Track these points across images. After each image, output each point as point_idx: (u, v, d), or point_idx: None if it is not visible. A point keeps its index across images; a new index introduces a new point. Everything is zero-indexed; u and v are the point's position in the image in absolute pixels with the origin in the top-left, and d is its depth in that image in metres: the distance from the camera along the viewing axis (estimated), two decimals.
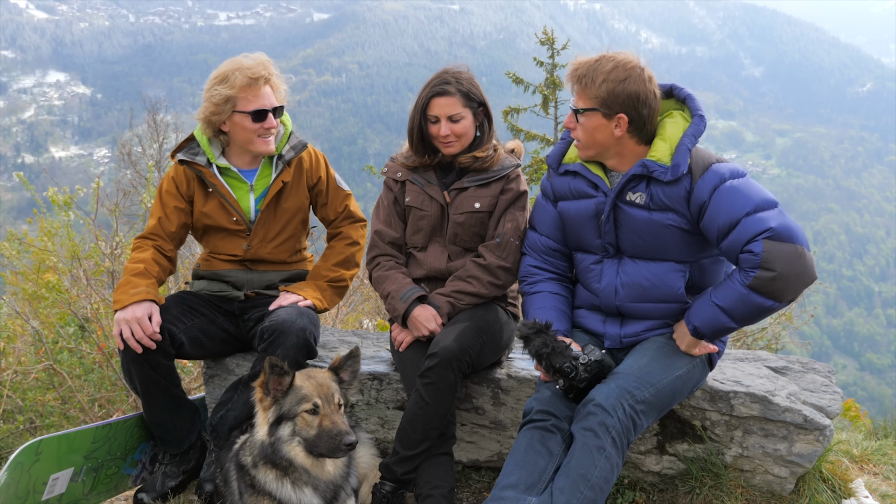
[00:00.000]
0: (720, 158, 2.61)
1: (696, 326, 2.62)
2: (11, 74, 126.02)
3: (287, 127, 3.29)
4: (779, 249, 2.40)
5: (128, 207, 7.87)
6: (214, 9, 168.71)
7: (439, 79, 3.04)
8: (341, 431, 2.43)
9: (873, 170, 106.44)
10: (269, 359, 2.48)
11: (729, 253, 2.53)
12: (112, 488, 3.18)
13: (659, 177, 2.57)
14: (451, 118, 3.00)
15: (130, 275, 3.03)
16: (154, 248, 3.18)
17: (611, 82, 2.56)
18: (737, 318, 2.54)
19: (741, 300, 2.49)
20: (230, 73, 3.08)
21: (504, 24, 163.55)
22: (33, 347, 5.91)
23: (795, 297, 2.48)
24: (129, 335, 2.87)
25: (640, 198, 2.64)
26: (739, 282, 2.48)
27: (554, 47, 14.55)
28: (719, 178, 2.53)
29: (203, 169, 3.19)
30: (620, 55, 2.61)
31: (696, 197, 2.55)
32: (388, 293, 3.06)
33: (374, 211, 3.29)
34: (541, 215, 2.97)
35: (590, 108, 2.60)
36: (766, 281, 2.42)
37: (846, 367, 55.69)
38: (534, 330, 2.61)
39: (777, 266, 2.40)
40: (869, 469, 3.32)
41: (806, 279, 2.44)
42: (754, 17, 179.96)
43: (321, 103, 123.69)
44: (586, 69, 2.60)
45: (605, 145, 2.65)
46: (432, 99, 3.01)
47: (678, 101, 2.73)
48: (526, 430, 2.58)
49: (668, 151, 2.59)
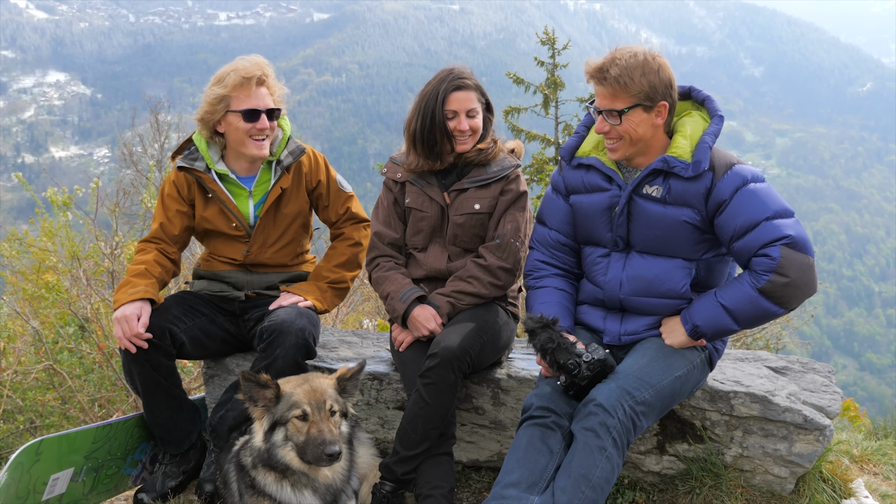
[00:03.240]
0: (741, 160, 2.63)
1: (697, 325, 2.62)
2: (11, 74, 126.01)
3: (285, 132, 3.25)
4: (794, 257, 2.45)
5: (128, 207, 7.87)
6: (214, 9, 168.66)
7: (453, 74, 3.02)
8: (325, 441, 2.41)
9: (873, 170, 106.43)
10: (242, 373, 2.47)
11: (740, 254, 2.55)
12: (112, 488, 3.18)
13: (680, 172, 2.59)
14: (468, 113, 3.00)
15: (131, 275, 3.06)
16: (157, 250, 3.19)
17: (649, 75, 2.56)
18: (740, 321, 2.57)
19: (749, 303, 2.51)
20: (226, 73, 3.08)
21: (504, 24, 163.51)
22: (33, 347, 5.90)
23: (798, 305, 2.55)
24: (119, 335, 2.90)
25: (657, 191, 2.65)
26: (750, 284, 2.50)
27: (555, 47, 14.55)
28: (742, 179, 2.56)
29: (202, 175, 3.18)
30: (636, 48, 2.62)
31: (716, 194, 2.57)
32: (388, 294, 3.06)
33: (373, 211, 3.28)
34: (551, 209, 2.95)
35: (632, 105, 2.59)
36: (778, 286, 2.46)
37: (846, 367, 55.70)
38: (540, 324, 2.61)
39: (791, 273, 2.44)
40: (869, 469, 3.32)
41: (811, 291, 2.52)
42: (754, 17, 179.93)
43: (321, 103, 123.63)
44: (619, 69, 2.55)
45: (645, 139, 2.64)
46: (451, 93, 2.98)
47: (696, 102, 2.77)
48: (526, 427, 2.58)
49: (689, 148, 2.61)
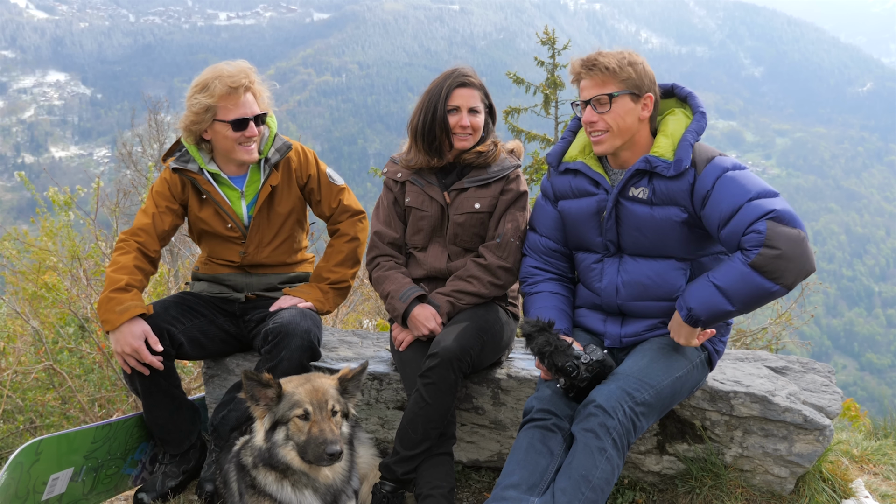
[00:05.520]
0: (722, 153, 2.63)
1: (691, 308, 2.53)
2: (11, 74, 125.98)
3: (272, 130, 3.23)
4: (783, 230, 2.40)
5: (128, 207, 7.88)
6: (214, 9, 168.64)
7: (458, 71, 3.06)
8: (326, 440, 2.41)
9: (873, 170, 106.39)
10: (244, 371, 2.47)
11: (730, 239, 2.50)
12: (112, 488, 3.18)
13: (662, 172, 2.60)
14: (470, 110, 3.03)
15: (111, 290, 2.94)
16: (138, 249, 3.10)
17: (636, 66, 2.64)
18: (735, 301, 2.47)
19: (742, 279, 2.43)
20: (210, 81, 3.01)
21: (504, 24, 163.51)
22: (33, 347, 5.90)
23: (795, 282, 2.43)
24: (134, 364, 2.90)
25: (643, 192, 2.66)
26: (741, 261, 2.44)
27: (555, 47, 14.53)
28: (722, 168, 2.56)
29: (196, 176, 3.16)
30: (615, 48, 2.71)
31: (699, 188, 2.57)
32: (388, 293, 3.06)
33: (374, 211, 3.29)
34: (541, 216, 2.98)
35: (622, 90, 2.63)
36: (769, 259, 2.38)
37: (846, 367, 55.66)
38: (537, 328, 2.61)
39: (781, 244, 2.38)
40: (869, 469, 3.32)
41: (806, 265, 2.41)
42: (754, 17, 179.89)
43: (321, 103, 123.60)
44: (607, 58, 2.64)
45: (631, 131, 2.67)
46: (455, 89, 3.03)
47: (679, 99, 2.79)
48: (527, 429, 2.58)
49: (671, 147, 2.62)
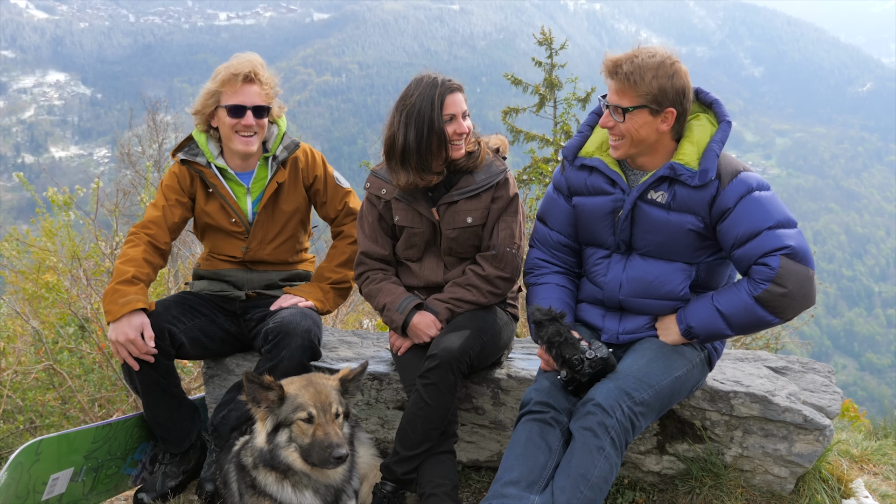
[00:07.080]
0: (747, 167, 2.60)
1: (690, 326, 2.62)
2: (11, 74, 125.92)
3: (281, 128, 3.26)
4: (794, 268, 2.44)
5: (127, 208, 7.87)
6: (214, 9, 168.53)
7: (442, 79, 2.89)
8: (332, 444, 2.41)
9: (873, 170, 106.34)
10: (245, 374, 2.46)
11: (741, 261, 2.54)
12: (112, 488, 3.18)
13: (686, 181, 2.56)
14: (463, 114, 2.91)
15: (118, 282, 2.96)
16: (148, 242, 3.11)
17: (661, 78, 2.52)
18: (734, 327, 2.57)
19: (745, 309, 2.52)
20: (221, 68, 3.13)
21: (504, 24, 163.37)
22: (33, 347, 5.91)
23: (793, 316, 2.54)
24: (126, 355, 2.89)
25: (662, 197, 2.63)
26: (747, 291, 2.50)
27: (552, 47, 14.52)
28: (747, 187, 2.54)
29: (203, 169, 3.19)
30: (658, 49, 2.58)
31: (720, 202, 2.55)
32: (384, 305, 2.99)
33: (357, 222, 3.16)
34: (552, 210, 2.91)
35: (638, 105, 2.55)
36: (775, 296, 2.46)
37: (846, 367, 55.66)
38: (548, 317, 2.58)
39: (789, 284, 2.44)
40: (869, 469, 3.31)
41: (808, 303, 2.51)
42: (754, 17, 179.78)
43: (321, 103, 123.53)
44: (632, 66, 2.52)
45: (647, 142, 2.61)
46: (448, 96, 2.88)
47: (703, 104, 2.71)
48: (525, 422, 2.57)
49: (696, 155, 2.57)
